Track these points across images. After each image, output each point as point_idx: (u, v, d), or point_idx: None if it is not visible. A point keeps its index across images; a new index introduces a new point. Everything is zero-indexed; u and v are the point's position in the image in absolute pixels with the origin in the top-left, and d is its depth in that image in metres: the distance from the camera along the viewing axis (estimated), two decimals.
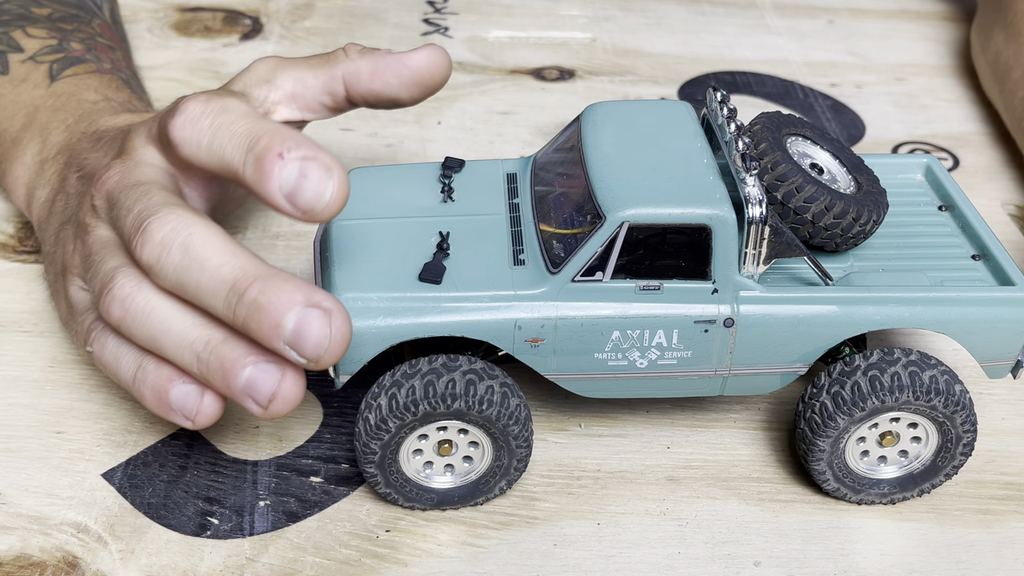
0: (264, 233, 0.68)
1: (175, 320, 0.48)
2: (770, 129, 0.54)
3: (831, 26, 0.94)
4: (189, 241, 0.46)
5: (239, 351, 0.47)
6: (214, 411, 0.49)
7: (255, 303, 0.45)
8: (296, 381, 0.47)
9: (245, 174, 0.47)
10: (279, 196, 0.46)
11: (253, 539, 0.50)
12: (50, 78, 0.65)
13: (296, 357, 0.45)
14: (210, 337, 0.47)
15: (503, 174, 0.56)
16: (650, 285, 0.49)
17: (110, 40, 0.72)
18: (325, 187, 0.45)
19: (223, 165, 0.48)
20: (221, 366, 0.47)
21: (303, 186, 0.45)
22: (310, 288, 0.45)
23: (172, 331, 0.48)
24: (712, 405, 0.58)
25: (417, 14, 0.93)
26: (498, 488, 0.51)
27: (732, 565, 0.50)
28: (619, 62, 0.88)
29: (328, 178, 0.45)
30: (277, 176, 0.45)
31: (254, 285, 0.45)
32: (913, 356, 0.50)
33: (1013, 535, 0.52)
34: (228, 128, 0.48)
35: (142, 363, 0.49)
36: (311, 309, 0.45)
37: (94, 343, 0.51)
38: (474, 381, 0.48)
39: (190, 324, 0.48)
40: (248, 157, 0.46)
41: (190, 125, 0.49)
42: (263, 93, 0.56)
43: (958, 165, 0.77)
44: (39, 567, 0.49)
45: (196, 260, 0.46)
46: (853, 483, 0.52)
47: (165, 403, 0.49)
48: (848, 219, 0.52)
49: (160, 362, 0.49)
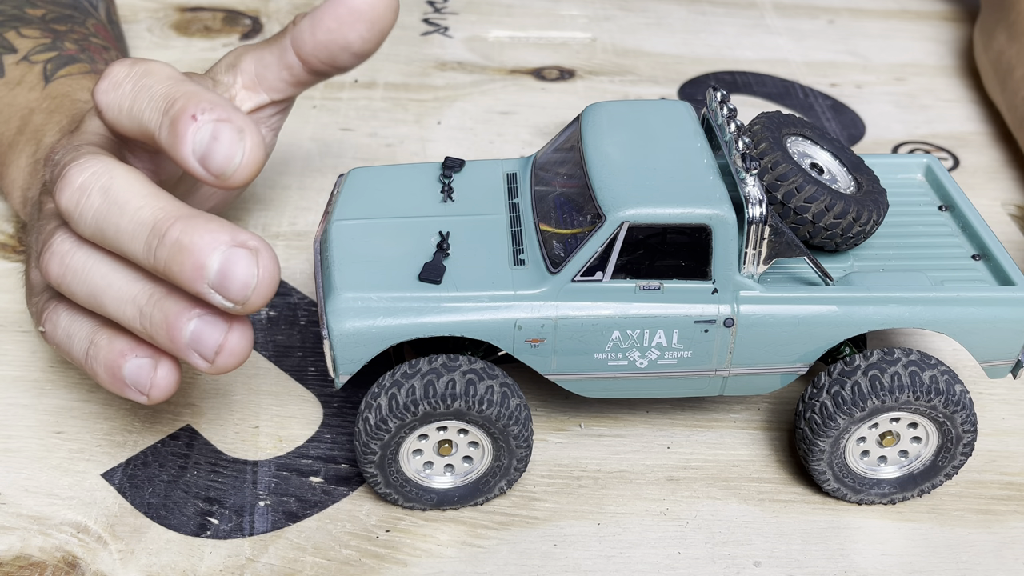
0: (264, 233, 0.68)
1: (115, 275, 0.47)
2: (770, 129, 0.54)
3: (831, 26, 0.94)
4: (109, 184, 0.45)
5: (183, 303, 0.46)
6: (168, 384, 0.48)
7: (177, 243, 0.44)
8: (243, 333, 0.46)
9: (161, 137, 0.46)
10: (192, 159, 0.45)
11: (253, 539, 0.50)
12: (44, 79, 0.64)
13: (222, 301, 0.44)
14: (152, 291, 0.46)
15: (503, 174, 0.56)
16: (650, 285, 0.49)
17: (105, 40, 0.71)
18: (235, 149, 0.44)
19: (142, 129, 0.47)
20: (165, 319, 0.46)
21: (214, 148, 0.44)
22: (234, 228, 0.44)
23: (113, 286, 0.47)
24: (712, 405, 0.58)
25: (417, 14, 0.93)
26: (498, 488, 0.51)
27: (732, 565, 0.50)
28: (619, 62, 0.88)
29: (239, 140, 0.44)
30: (190, 139, 0.45)
31: (175, 225, 0.44)
32: (913, 356, 0.50)
33: (1013, 535, 0.52)
34: (148, 91, 0.47)
35: (94, 339, 0.48)
36: (236, 248, 0.44)
37: (46, 322, 0.50)
38: (474, 381, 0.48)
39: (131, 278, 0.47)
40: (164, 120, 0.45)
41: (113, 89, 0.48)
42: (230, 79, 0.56)
43: (958, 165, 0.77)
44: (39, 567, 0.49)
45: (116, 203, 0.45)
46: (853, 483, 0.52)
47: (119, 379, 0.48)
48: (848, 219, 0.52)
49: (112, 336, 0.48)
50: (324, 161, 0.75)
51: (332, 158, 0.75)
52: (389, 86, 0.83)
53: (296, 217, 0.70)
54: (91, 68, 0.66)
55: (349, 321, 0.48)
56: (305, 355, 0.60)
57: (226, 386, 0.58)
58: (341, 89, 0.83)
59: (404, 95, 0.82)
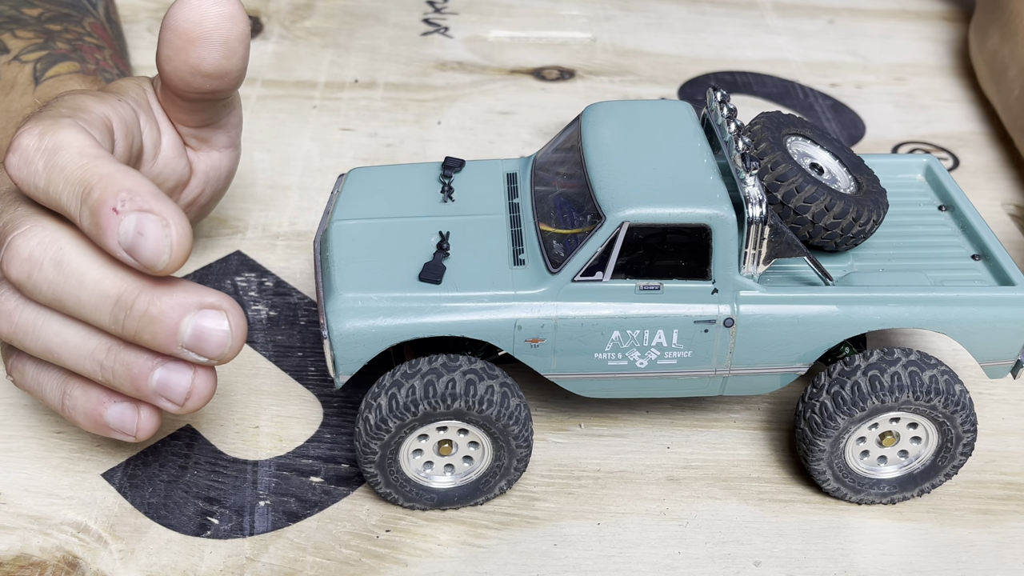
0: (264, 233, 0.68)
1: (69, 331, 0.46)
2: (770, 129, 0.54)
3: (831, 26, 0.94)
4: (60, 256, 0.45)
5: (144, 354, 0.46)
6: (154, 423, 0.48)
7: (146, 315, 0.44)
8: (208, 374, 0.46)
9: (83, 225, 0.44)
10: (120, 251, 0.43)
11: (253, 539, 0.50)
12: (34, 81, 0.64)
13: (196, 358, 0.45)
14: (109, 344, 0.46)
15: (503, 174, 0.56)
16: (650, 285, 0.49)
17: (100, 39, 0.71)
18: (162, 246, 0.43)
19: (62, 211, 0.45)
20: (128, 372, 0.46)
21: (141, 243, 0.43)
22: (196, 288, 0.45)
23: (69, 342, 0.46)
24: (712, 405, 0.58)
25: (417, 14, 0.94)
26: (498, 488, 0.51)
27: (732, 565, 0.50)
28: (619, 62, 0.88)
29: (164, 235, 0.43)
30: (114, 232, 0.43)
31: (140, 297, 0.44)
32: (913, 356, 0.50)
33: (1013, 535, 0.52)
34: (62, 172, 0.45)
35: (66, 389, 0.48)
36: (206, 311, 0.44)
37: (12, 371, 0.50)
38: (474, 381, 0.48)
39: (85, 333, 0.46)
40: (83, 208, 0.44)
41: (25, 166, 0.45)
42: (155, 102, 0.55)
43: (958, 165, 0.77)
44: (39, 567, 0.49)
45: (72, 276, 0.45)
46: (853, 483, 0.52)
47: (102, 425, 0.48)
48: (848, 219, 0.52)
49: (85, 386, 0.48)
50: (324, 161, 0.75)
51: (332, 158, 0.75)
52: (389, 86, 0.83)
53: (296, 217, 0.70)
54: (81, 68, 0.65)
55: (349, 321, 0.48)
56: (305, 355, 0.60)
57: (226, 386, 0.58)
58: (341, 89, 0.83)
59: (404, 95, 0.82)
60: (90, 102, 0.50)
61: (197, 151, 0.59)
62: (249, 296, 0.63)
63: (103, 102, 0.51)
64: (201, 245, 0.67)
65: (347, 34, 0.90)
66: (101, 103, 0.51)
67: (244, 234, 0.68)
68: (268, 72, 0.84)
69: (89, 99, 0.51)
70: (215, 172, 0.61)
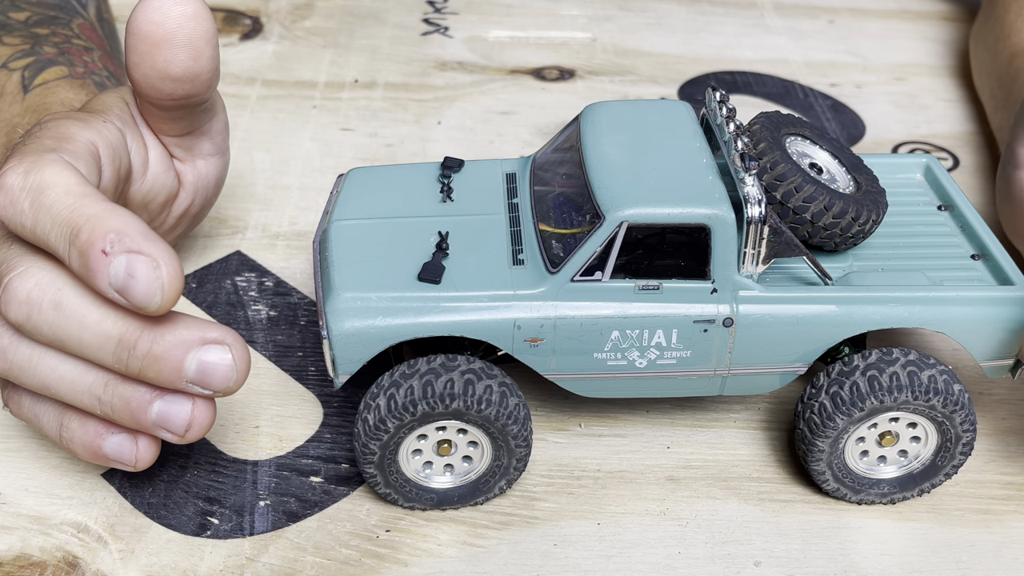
0: (264, 233, 0.68)
1: (65, 367, 0.46)
2: (769, 129, 0.54)
3: (831, 26, 0.94)
4: (59, 298, 0.44)
5: (141, 387, 0.46)
6: (153, 452, 0.49)
7: (150, 354, 0.44)
8: (208, 403, 0.47)
9: (72, 266, 0.44)
10: (111, 292, 0.43)
11: (253, 539, 0.51)
12: (23, 89, 0.64)
13: (201, 391, 0.45)
14: (107, 379, 0.46)
15: (502, 174, 0.56)
16: (649, 285, 0.49)
17: (89, 40, 0.71)
18: (154, 288, 0.43)
19: (51, 250, 0.45)
20: (127, 406, 0.46)
21: (132, 285, 0.43)
22: (198, 324, 0.45)
23: (65, 378, 0.46)
24: (712, 405, 0.58)
25: (417, 14, 0.94)
26: (498, 488, 0.51)
27: (732, 565, 0.50)
28: (619, 62, 0.88)
29: (155, 277, 0.43)
30: (104, 274, 0.43)
31: (144, 336, 0.44)
32: (912, 356, 0.50)
33: (1013, 535, 0.52)
34: (48, 212, 0.44)
35: (63, 421, 0.48)
36: (209, 347, 0.44)
37: (9, 402, 0.50)
38: (472, 381, 0.48)
39: (81, 368, 0.46)
40: (71, 251, 0.43)
41: (11, 205, 0.45)
42: None
43: (958, 165, 0.77)
44: (39, 567, 0.49)
45: (72, 317, 0.44)
46: (853, 483, 0.52)
47: (100, 456, 0.48)
48: (847, 219, 0.52)
49: (83, 417, 0.48)
50: (324, 161, 0.75)
51: (332, 158, 0.75)
52: (389, 86, 0.83)
53: (296, 217, 0.70)
54: (69, 72, 0.65)
55: (349, 321, 0.48)
56: (305, 355, 0.60)
57: None
58: (341, 89, 0.83)
59: (404, 95, 0.82)
60: (75, 129, 0.50)
61: (183, 161, 0.59)
62: (249, 296, 0.63)
63: (88, 127, 0.50)
64: (201, 245, 0.67)
65: (347, 34, 0.90)
66: (86, 128, 0.50)
67: (244, 234, 0.68)
68: (268, 72, 0.84)
69: (74, 125, 0.50)
70: (203, 181, 0.60)
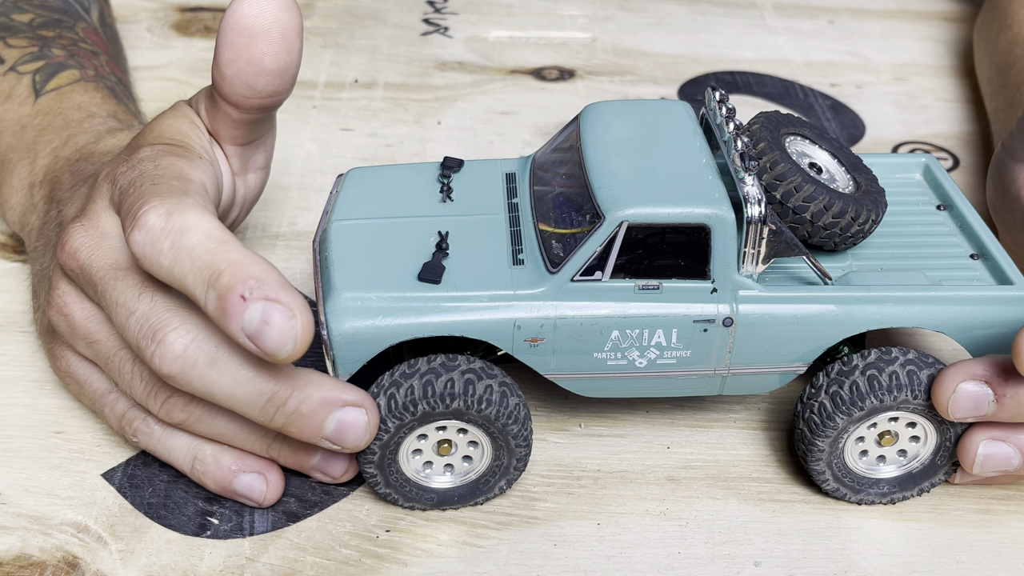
0: (264, 233, 0.68)
1: (228, 427, 0.50)
2: (769, 128, 0.54)
3: (831, 26, 0.94)
4: (215, 356, 0.46)
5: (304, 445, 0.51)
6: (280, 490, 0.52)
7: (296, 413, 0.47)
8: None
9: (207, 308, 0.45)
10: (242, 337, 0.44)
11: (253, 539, 0.51)
12: (34, 93, 0.64)
13: (331, 446, 0.48)
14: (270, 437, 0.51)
15: (502, 174, 0.56)
16: (649, 284, 0.49)
17: (94, 44, 0.71)
18: (287, 337, 0.44)
19: (183, 290, 0.46)
20: (294, 458, 0.51)
21: (265, 332, 0.44)
22: (338, 386, 0.48)
23: (225, 435, 0.50)
24: (712, 405, 0.58)
25: (417, 14, 0.94)
26: (498, 488, 0.52)
27: (732, 565, 0.50)
28: (619, 62, 0.88)
29: (291, 326, 0.44)
30: (239, 318, 0.44)
31: (293, 397, 0.47)
32: (911, 355, 0.50)
33: (1013, 535, 0.52)
34: (189, 254, 0.45)
35: (197, 455, 0.51)
36: (348, 409, 0.47)
37: (138, 434, 0.52)
38: (472, 380, 0.48)
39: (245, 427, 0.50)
40: (210, 293, 0.45)
41: (150, 244, 0.46)
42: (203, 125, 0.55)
43: (958, 165, 0.77)
44: (39, 567, 0.49)
45: (228, 373, 0.46)
46: (852, 483, 0.52)
47: (229, 491, 0.51)
48: (847, 218, 0.52)
49: (217, 452, 0.51)
50: (324, 161, 0.75)
51: (332, 158, 0.75)
52: (389, 86, 0.83)
53: (296, 217, 0.70)
54: (81, 76, 0.65)
55: (348, 321, 0.48)
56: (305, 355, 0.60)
57: None
58: (341, 89, 0.83)
59: (404, 95, 0.82)
60: (187, 169, 0.51)
61: (237, 175, 0.58)
62: None
63: (195, 167, 0.51)
64: None
65: (347, 34, 0.90)
66: (195, 169, 0.51)
67: (244, 234, 0.68)
68: None
69: (186, 165, 0.51)
70: (251, 194, 0.59)
